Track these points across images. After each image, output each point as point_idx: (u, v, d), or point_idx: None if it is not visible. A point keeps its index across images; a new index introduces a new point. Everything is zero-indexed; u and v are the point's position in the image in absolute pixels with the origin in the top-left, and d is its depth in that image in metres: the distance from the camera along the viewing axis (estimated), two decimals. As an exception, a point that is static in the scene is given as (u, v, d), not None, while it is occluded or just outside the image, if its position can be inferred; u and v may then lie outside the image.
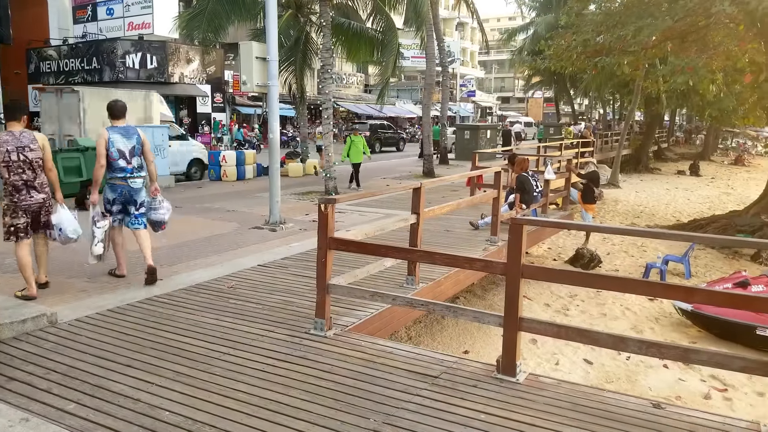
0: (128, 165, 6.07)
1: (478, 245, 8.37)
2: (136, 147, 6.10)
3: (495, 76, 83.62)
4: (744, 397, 6.65)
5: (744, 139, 49.02)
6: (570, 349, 7.32)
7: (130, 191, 6.17)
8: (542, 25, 32.08)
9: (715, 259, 12.76)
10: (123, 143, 6.01)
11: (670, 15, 13.98)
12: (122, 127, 6.10)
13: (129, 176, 6.11)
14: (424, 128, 21.53)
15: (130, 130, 6.11)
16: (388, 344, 4.70)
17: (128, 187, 6.15)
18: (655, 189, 23.92)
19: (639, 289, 4.46)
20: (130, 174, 6.11)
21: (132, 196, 6.20)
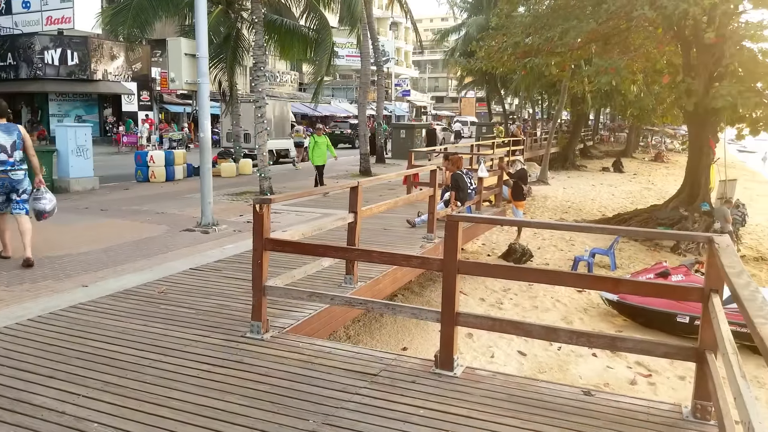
0: (9, 158, 6.70)
1: (415, 243, 8.45)
2: (17, 142, 6.73)
3: (429, 76, 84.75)
4: (667, 382, 7.02)
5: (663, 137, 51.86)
6: (504, 342, 7.51)
7: (11, 182, 6.81)
8: (473, 26, 32.73)
9: (638, 251, 13.43)
10: (4, 138, 6.65)
11: (594, 18, 14.59)
12: (3, 124, 6.71)
13: (10, 169, 6.75)
14: (360, 127, 21.53)
15: (11, 128, 6.75)
16: (326, 344, 4.67)
17: (10, 179, 6.79)
18: (582, 185, 24.91)
19: (568, 281, 4.63)
20: (11, 167, 6.75)
21: (14, 186, 6.85)
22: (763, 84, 13.72)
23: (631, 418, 3.54)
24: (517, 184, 12.87)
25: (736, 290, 2.49)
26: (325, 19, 16.40)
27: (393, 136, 27.54)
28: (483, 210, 11.99)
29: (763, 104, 12.80)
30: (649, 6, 12.66)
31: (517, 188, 12.90)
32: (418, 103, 69.09)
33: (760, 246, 15.17)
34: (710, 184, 15.62)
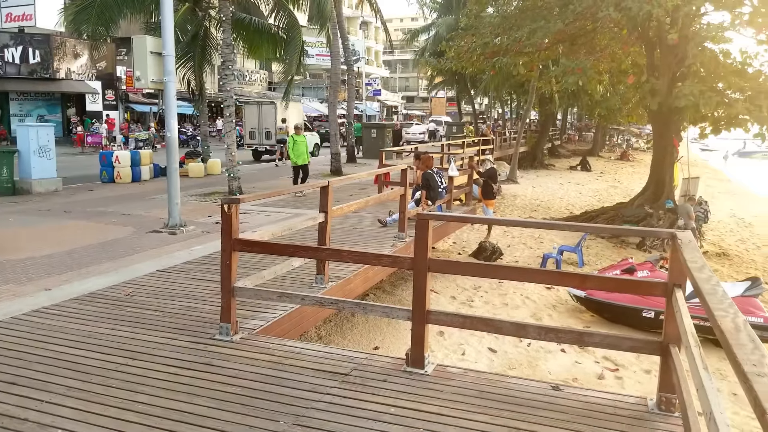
0: None
1: (386, 242, 8.45)
2: None
3: (400, 76, 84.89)
4: (633, 375, 7.16)
5: (628, 136, 52.91)
6: (475, 339, 7.56)
7: None
8: (443, 26, 32.88)
9: (604, 248, 13.67)
10: None
11: (561, 19, 14.81)
12: None
13: None
14: (330, 126, 21.46)
15: None
16: (297, 345, 4.64)
17: None
18: (550, 184, 25.26)
19: (537, 278, 4.69)
20: None
21: None
22: (724, 84, 14.11)
23: (599, 411, 3.60)
24: (486, 183, 12.99)
25: (698, 284, 2.55)
26: (295, 18, 16.30)
27: (364, 136, 27.53)
28: (454, 209, 12.07)
29: (724, 104, 13.15)
30: (614, 7, 12.90)
31: (487, 187, 13.02)
32: (389, 103, 69.13)
33: (722, 242, 15.59)
34: (674, 182, 15.98)
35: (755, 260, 13.88)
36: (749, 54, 14.47)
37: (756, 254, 14.54)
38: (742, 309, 8.15)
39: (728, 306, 2.17)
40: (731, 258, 13.85)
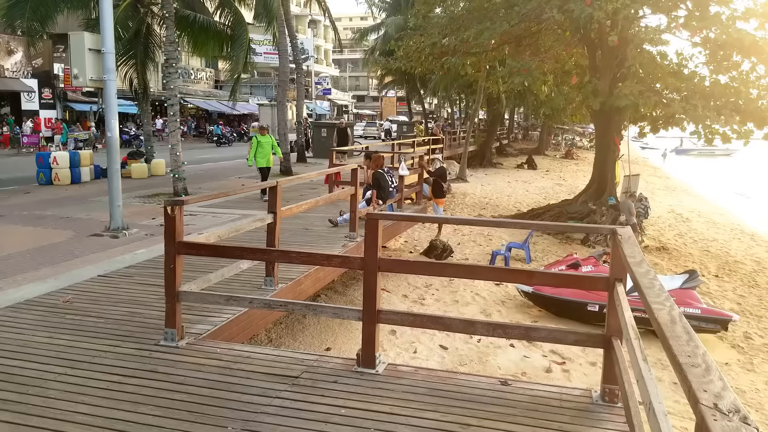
0: None
1: (337, 242, 8.41)
2: None
3: (350, 75, 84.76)
4: (579, 368, 7.36)
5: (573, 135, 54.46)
6: (426, 337, 7.62)
7: None
8: (392, 26, 33.01)
9: (551, 244, 14.02)
10: None
11: (507, 20, 15.09)
12: None
13: None
14: (279, 126, 21.21)
15: None
16: (245, 349, 4.55)
17: None
18: (499, 182, 25.73)
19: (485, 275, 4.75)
20: None
21: None
22: (662, 85, 14.69)
23: (545, 405, 3.68)
24: (436, 182, 13.11)
25: (637, 278, 2.64)
26: (241, 15, 16.03)
27: (314, 135, 27.34)
28: (404, 208, 12.12)
29: (662, 104, 13.69)
30: (557, 10, 13.24)
31: (437, 186, 13.14)
32: (339, 102, 68.95)
33: (662, 236, 16.24)
34: (616, 179, 16.53)
35: (692, 254, 14.52)
36: (685, 56, 15.13)
37: (693, 248, 15.20)
38: (681, 301, 8.54)
39: (665, 299, 2.25)
40: (670, 252, 14.43)
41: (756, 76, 13.68)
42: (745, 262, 14.03)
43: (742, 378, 7.71)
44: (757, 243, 16.77)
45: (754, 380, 7.62)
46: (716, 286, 11.79)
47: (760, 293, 11.56)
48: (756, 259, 14.43)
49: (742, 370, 8.00)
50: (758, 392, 7.28)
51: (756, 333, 9.32)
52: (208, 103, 43.01)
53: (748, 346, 8.78)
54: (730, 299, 10.97)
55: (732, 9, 13.22)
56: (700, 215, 21.05)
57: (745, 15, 12.92)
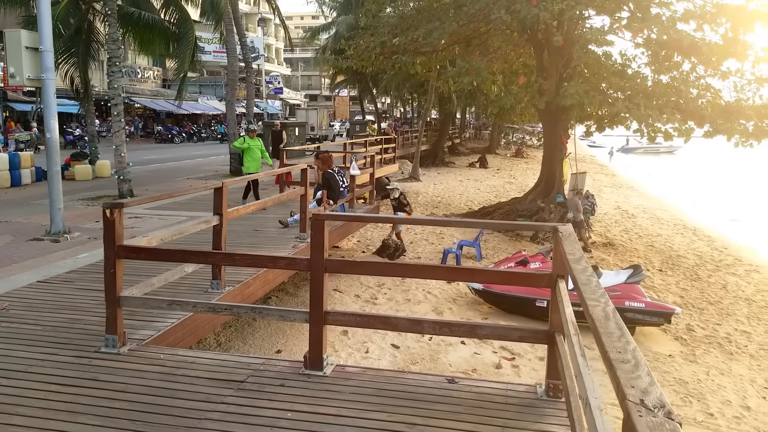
0: None
1: (287, 243, 8.31)
2: None
3: (302, 74, 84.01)
4: (528, 363, 7.50)
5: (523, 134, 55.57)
6: (379, 337, 7.62)
7: None
8: (343, 25, 32.91)
9: (501, 241, 14.25)
10: None
11: (456, 20, 15.24)
12: None
13: None
14: (229, 125, 20.85)
15: None
16: (190, 354, 4.44)
17: None
18: (451, 181, 26.01)
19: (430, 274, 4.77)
20: None
21: None
22: (606, 84, 15.12)
23: (491, 401, 3.72)
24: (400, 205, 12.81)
25: (575, 275, 2.69)
26: (186, 13, 15.66)
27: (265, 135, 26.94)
28: (356, 207, 12.09)
29: (607, 103, 14.08)
30: (505, 10, 13.46)
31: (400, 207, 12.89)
32: (291, 101, 68.25)
33: (608, 232, 16.73)
34: (563, 177, 16.94)
35: (638, 249, 15.01)
36: (628, 56, 15.64)
37: (638, 243, 15.72)
38: (626, 295, 8.80)
39: (600, 296, 2.30)
40: (616, 247, 14.88)
41: (696, 76, 14.25)
42: (688, 257, 14.60)
43: (685, 369, 8.01)
44: (699, 238, 17.48)
45: (696, 371, 7.93)
46: (660, 280, 12.22)
47: (701, 286, 12.05)
48: (698, 254, 15.04)
49: (684, 361, 8.31)
50: (700, 383, 7.58)
51: (698, 325, 9.70)
52: (156, 103, 41.90)
53: (690, 338, 9.13)
54: (673, 293, 11.39)
55: (672, 11, 13.73)
56: (645, 211, 21.80)
57: (684, 17, 13.43)
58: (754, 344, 9.01)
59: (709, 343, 8.96)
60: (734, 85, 13.67)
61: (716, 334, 9.31)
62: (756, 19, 12.20)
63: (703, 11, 13.11)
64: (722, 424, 6.50)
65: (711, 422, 6.53)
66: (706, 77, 14.18)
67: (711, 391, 7.29)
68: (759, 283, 12.59)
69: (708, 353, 8.57)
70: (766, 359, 8.48)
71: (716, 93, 14.15)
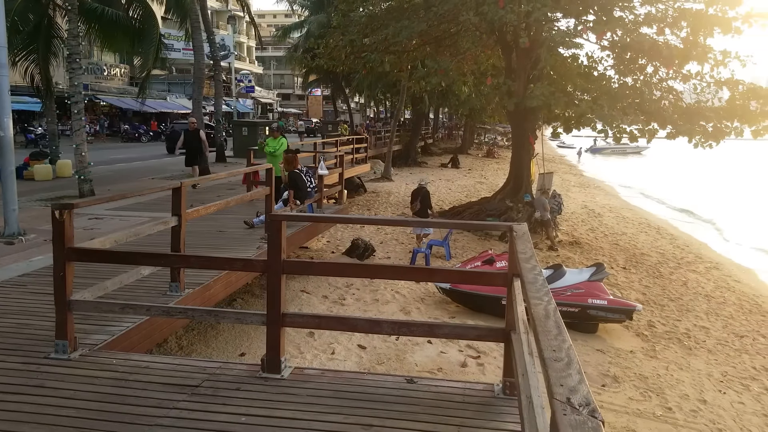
0: None
1: (252, 244, 8.21)
2: None
3: (274, 73, 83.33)
4: (494, 361, 7.53)
5: (494, 135, 56.07)
6: (345, 338, 7.58)
7: None
8: (315, 23, 32.78)
9: (470, 240, 14.33)
10: None
11: (426, 20, 15.30)
12: None
13: None
14: (197, 124, 20.53)
15: None
16: (144, 359, 4.34)
17: None
18: (423, 181, 26.04)
19: (390, 275, 4.75)
20: None
21: None
22: (573, 86, 15.34)
23: (449, 401, 3.72)
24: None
25: (522, 273, 2.70)
26: (150, 9, 15.38)
27: (235, 134, 26.67)
28: (326, 207, 12.02)
29: (573, 104, 14.29)
30: (473, 12, 13.55)
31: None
32: (263, 100, 67.72)
33: (575, 231, 16.96)
34: (531, 177, 17.12)
35: (603, 247, 15.25)
36: (594, 58, 15.88)
37: (604, 242, 15.98)
38: (589, 293, 8.92)
39: (544, 294, 2.31)
40: (582, 246, 15.10)
41: (658, 79, 14.56)
42: (651, 255, 14.89)
43: (646, 364, 8.15)
44: (662, 236, 17.85)
45: (656, 366, 8.07)
46: (624, 277, 12.44)
47: (663, 283, 12.29)
48: (660, 252, 15.35)
49: (645, 357, 8.46)
50: (660, 377, 7.72)
51: (659, 321, 9.89)
52: (122, 101, 41.09)
53: (651, 334, 9.31)
54: (636, 290, 11.60)
55: (635, 14, 14.00)
56: (611, 210, 22.17)
57: (646, 20, 13.71)
58: (711, 339, 9.23)
59: (669, 338, 9.14)
60: (695, 87, 14.00)
61: (676, 330, 9.51)
62: (715, 24, 12.51)
63: (665, 15, 13.40)
64: (680, 418, 6.63)
65: (669, 416, 6.65)
66: (668, 80, 14.50)
67: (670, 386, 7.43)
68: (718, 280, 12.91)
69: (668, 349, 8.75)
70: (723, 354, 8.69)
71: (678, 95, 14.48)
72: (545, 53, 14.57)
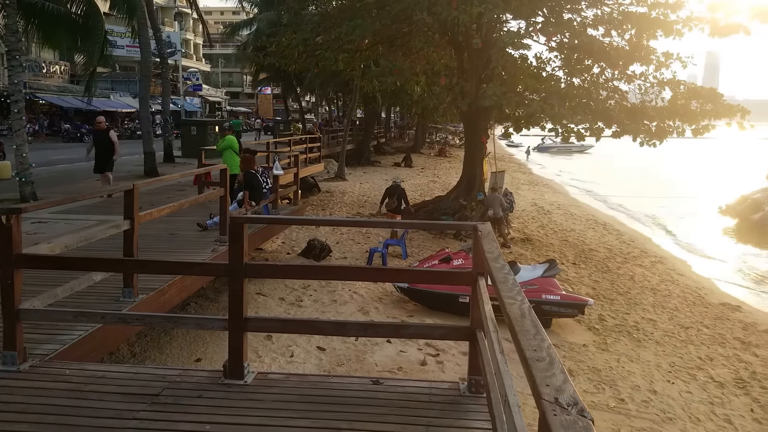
0: None
1: (206, 247, 8.01)
2: None
3: (222, 71, 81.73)
4: (453, 359, 7.61)
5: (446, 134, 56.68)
6: (304, 340, 7.49)
7: None
8: (264, 21, 32.32)
9: (426, 239, 14.44)
10: None
11: (379, 19, 15.30)
12: None
13: None
14: (142, 123, 19.96)
15: None
16: (100, 368, 4.17)
17: None
18: (377, 180, 26.10)
19: (355, 276, 4.73)
20: None
21: None
22: (523, 86, 15.65)
23: (415, 400, 3.72)
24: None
25: (493, 273, 2.72)
26: (95, 5, 14.81)
27: (183, 133, 25.99)
28: (281, 208, 11.86)
29: (524, 104, 14.58)
30: (426, 12, 13.64)
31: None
32: (211, 99, 66.38)
33: (526, 228, 17.33)
34: (484, 176, 17.39)
35: (553, 244, 15.64)
36: (543, 59, 16.27)
37: (553, 239, 16.38)
38: (543, 288, 9.12)
39: (517, 293, 2.33)
40: (533, 242, 15.44)
41: (605, 79, 15.03)
42: (599, 250, 15.36)
43: (598, 357, 8.40)
44: (609, 232, 18.45)
45: (608, 359, 8.33)
46: (574, 273, 12.78)
47: (611, 278, 12.70)
48: (608, 247, 15.86)
49: (597, 350, 8.72)
50: (612, 370, 7.97)
51: (609, 315, 10.22)
52: (63, 99, 39.47)
53: (602, 328, 9.60)
54: (586, 285, 11.94)
55: (583, 17, 14.41)
56: (560, 208, 22.76)
57: (594, 22, 14.12)
58: (659, 331, 9.59)
59: (619, 331, 9.45)
60: (639, 87, 14.52)
61: (625, 323, 9.84)
62: (658, 27, 13.00)
63: (611, 17, 13.85)
64: (632, 409, 6.86)
65: (622, 407, 6.88)
66: (614, 80, 14.99)
67: (621, 378, 7.68)
68: (663, 274, 13.44)
69: (618, 341, 9.04)
70: (670, 345, 9.05)
71: (623, 95, 14.99)
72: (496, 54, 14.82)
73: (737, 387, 7.79)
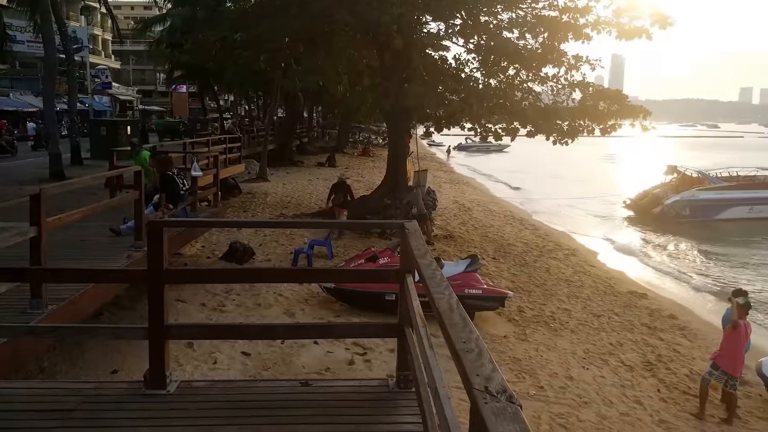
0: None
1: (121, 253, 7.61)
2: None
3: (134, 68, 78.12)
4: (380, 356, 7.66)
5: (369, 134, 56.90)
6: (227, 345, 7.29)
7: None
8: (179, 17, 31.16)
9: (351, 239, 14.44)
10: None
11: (300, 18, 15.14)
12: None
13: None
14: (48, 123, 18.77)
15: None
16: (8, 386, 3.89)
17: None
18: (300, 180, 25.84)
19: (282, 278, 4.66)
20: None
21: None
22: (443, 87, 15.98)
23: (345, 399, 3.72)
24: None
25: (421, 270, 2.77)
26: (-9, -4, 13.78)
27: (92, 134, 24.62)
28: (200, 211, 11.49)
29: (444, 104, 14.90)
30: (348, 11, 13.64)
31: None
32: (122, 97, 63.33)
33: (448, 225, 17.71)
34: (407, 175, 17.62)
35: (474, 239, 16.07)
36: (462, 61, 16.67)
37: (474, 235, 16.84)
38: (466, 283, 9.35)
39: (444, 288, 2.38)
40: (456, 239, 15.80)
41: (520, 81, 15.61)
42: (517, 245, 15.95)
43: (518, 347, 8.73)
44: (525, 227, 19.19)
45: (527, 349, 8.67)
46: (494, 267, 13.20)
47: (529, 271, 13.22)
48: (525, 242, 16.49)
49: (517, 340, 9.06)
50: (531, 359, 8.31)
51: (527, 306, 10.63)
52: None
53: (521, 319, 9.98)
54: (506, 278, 12.37)
55: (499, 20, 14.90)
56: (479, 205, 23.42)
57: (509, 25, 14.63)
58: (573, 320, 10.09)
59: (537, 322, 9.86)
60: (552, 89, 15.19)
61: (543, 314, 10.27)
62: (569, 30, 13.65)
63: (525, 21, 14.40)
64: (551, 395, 7.18)
65: (542, 394, 7.18)
66: (529, 82, 15.61)
67: (540, 366, 8.02)
68: (575, 266, 14.14)
69: (536, 331, 9.43)
70: (584, 333, 9.55)
71: (537, 96, 15.63)
72: (417, 55, 15.05)
73: (645, 369, 8.33)
